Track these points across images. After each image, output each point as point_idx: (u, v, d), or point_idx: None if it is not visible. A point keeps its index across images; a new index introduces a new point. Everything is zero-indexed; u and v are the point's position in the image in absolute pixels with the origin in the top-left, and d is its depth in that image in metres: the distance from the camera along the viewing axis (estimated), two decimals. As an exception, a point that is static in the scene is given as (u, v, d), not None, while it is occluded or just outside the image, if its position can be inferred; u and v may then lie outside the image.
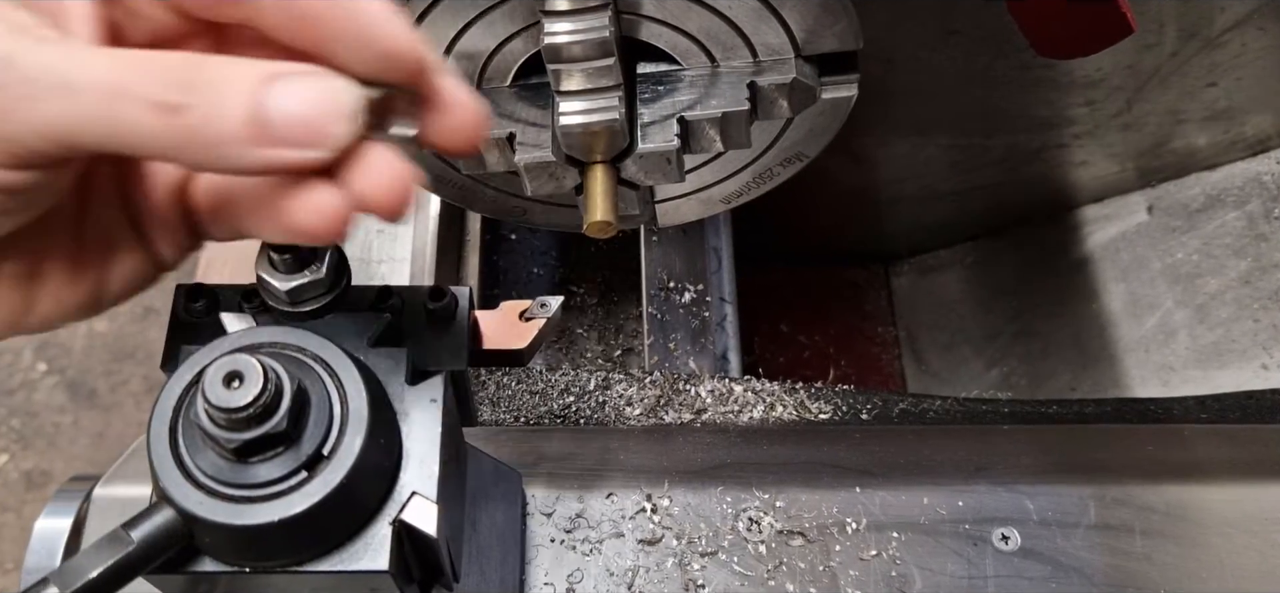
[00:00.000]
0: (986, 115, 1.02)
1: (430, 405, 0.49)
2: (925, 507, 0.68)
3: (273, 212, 0.42)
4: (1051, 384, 1.21)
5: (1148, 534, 0.67)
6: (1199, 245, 1.11)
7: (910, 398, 0.84)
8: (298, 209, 0.41)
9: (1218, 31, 0.88)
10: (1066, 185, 1.18)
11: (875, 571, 0.65)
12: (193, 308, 0.53)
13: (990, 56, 0.89)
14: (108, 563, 0.42)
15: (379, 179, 0.41)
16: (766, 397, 0.80)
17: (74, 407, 1.90)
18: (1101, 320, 1.17)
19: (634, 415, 0.79)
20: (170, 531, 0.44)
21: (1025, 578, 0.65)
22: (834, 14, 0.66)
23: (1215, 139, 1.06)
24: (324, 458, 0.44)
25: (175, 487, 0.44)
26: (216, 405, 0.42)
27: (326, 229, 0.42)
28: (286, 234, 0.43)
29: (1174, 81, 0.95)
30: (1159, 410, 0.85)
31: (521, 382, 0.81)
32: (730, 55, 0.68)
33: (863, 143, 1.07)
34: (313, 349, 0.47)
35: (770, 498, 0.68)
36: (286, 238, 0.44)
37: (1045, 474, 0.69)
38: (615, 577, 0.65)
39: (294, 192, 0.41)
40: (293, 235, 0.43)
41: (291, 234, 0.43)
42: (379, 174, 0.41)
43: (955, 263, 1.38)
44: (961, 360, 1.34)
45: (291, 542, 0.45)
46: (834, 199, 1.20)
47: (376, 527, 0.46)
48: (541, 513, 0.67)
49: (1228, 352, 1.06)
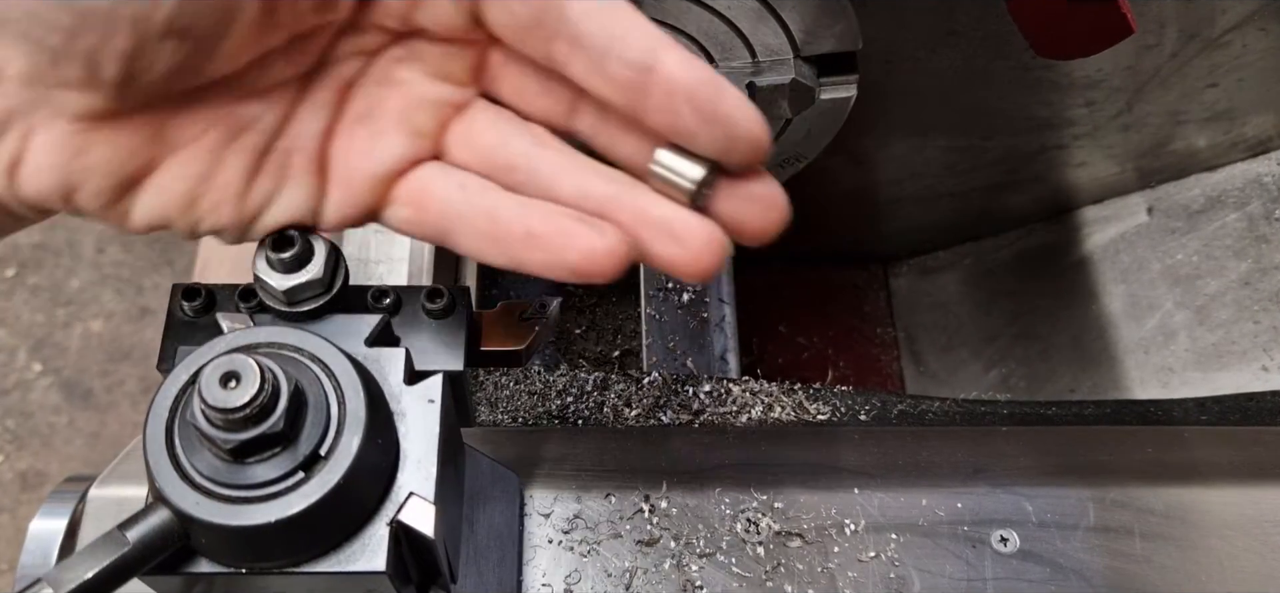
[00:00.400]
0: (986, 116, 1.02)
1: (428, 406, 0.49)
2: (924, 508, 0.67)
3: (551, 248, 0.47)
4: (1051, 386, 1.21)
5: (1147, 536, 0.67)
6: (1199, 247, 1.10)
7: (909, 399, 0.84)
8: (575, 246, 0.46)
9: (1218, 32, 0.88)
10: (1066, 186, 1.18)
11: (874, 572, 0.65)
12: (189, 307, 0.53)
13: (990, 57, 0.89)
14: (103, 564, 0.42)
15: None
16: (765, 398, 0.80)
17: (69, 407, 1.90)
18: (1101, 322, 1.17)
19: (632, 416, 0.79)
20: (166, 531, 0.43)
21: (1024, 580, 0.65)
22: (833, 15, 0.66)
23: (1216, 140, 1.06)
24: (321, 459, 0.44)
25: (171, 487, 0.43)
26: (213, 406, 0.42)
27: (598, 269, 0.46)
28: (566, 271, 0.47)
29: (1174, 82, 0.95)
30: (1159, 412, 0.85)
31: (519, 382, 0.81)
32: (729, 56, 0.68)
33: (862, 143, 1.07)
34: (310, 349, 0.47)
35: (768, 499, 0.68)
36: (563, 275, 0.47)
37: (1044, 476, 0.69)
38: (613, 578, 0.65)
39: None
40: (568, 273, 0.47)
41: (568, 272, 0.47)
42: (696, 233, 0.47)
43: (954, 264, 1.38)
44: (960, 362, 1.34)
45: (288, 543, 0.45)
46: (833, 200, 1.20)
47: (374, 528, 0.46)
48: (539, 514, 0.67)
49: (1228, 353, 1.06)
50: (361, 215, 0.51)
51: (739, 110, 0.45)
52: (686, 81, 0.45)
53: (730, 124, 0.45)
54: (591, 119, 0.50)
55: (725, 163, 0.47)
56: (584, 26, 0.45)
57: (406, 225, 0.51)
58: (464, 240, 0.49)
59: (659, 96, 0.45)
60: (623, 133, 0.49)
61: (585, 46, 0.45)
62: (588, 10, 0.45)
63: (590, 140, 0.51)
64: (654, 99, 0.45)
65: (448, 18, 0.48)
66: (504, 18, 0.47)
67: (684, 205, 0.48)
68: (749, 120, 0.46)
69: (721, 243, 0.47)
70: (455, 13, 0.48)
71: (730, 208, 0.48)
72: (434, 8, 0.48)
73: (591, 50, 0.45)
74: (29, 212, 0.48)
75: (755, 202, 0.48)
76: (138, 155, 0.46)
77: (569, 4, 0.45)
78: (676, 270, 0.48)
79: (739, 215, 0.48)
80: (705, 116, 0.45)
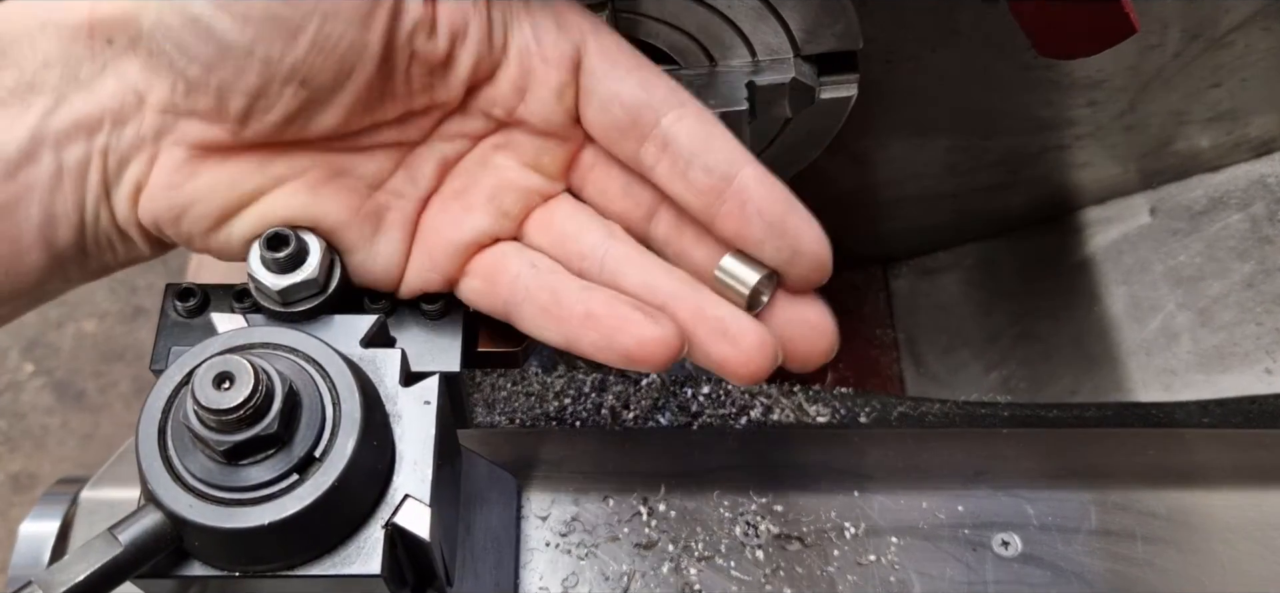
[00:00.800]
0: (987, 116, 1.01)
1: (424, 407, 0.48)
2: (924, 511, 0.67)
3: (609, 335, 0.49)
4: (1052, 388, 1.21)
5: (1150, 540, 0.66)
6: (1202, 248, 1.10)
7: (909, 401, 0.84)
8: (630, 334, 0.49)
9: (1222, 32, 0.88)
10: (1068, 187, 1.17)
11: (874, 576, 0.65)
12: (183, 307, 0.53)
13: (991, 57, 0.88)
14: (95, 566, 0.42)
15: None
16: (764, 399, 0.80)
17: (62, 408, 1.89)
18: (1103, 324, 1.16)
19: (630, 418, 0.78)
20: (159, 534, 0.43)
21: (1026, 584, 0.65)
22: (833, 14, 0.65)
23: (1219, 141, 1.06)
24: (316, 460, 0.44)
25: (164, 490, 0.43)
26: (206, 407, 0.42)
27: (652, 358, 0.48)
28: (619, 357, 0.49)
29: (1177, 82, 0.95)
30: (1161, 415, 0.85)
31: (517, 383, 0.81)
32: (729, 54, 0.68)
33: (862, 143, 1.06)
34: (305, 350, 0.46)
35: (768, 502, 0.67)
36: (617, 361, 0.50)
37: (1046, 479, 0.69)
38: (611, 581, 0.65)
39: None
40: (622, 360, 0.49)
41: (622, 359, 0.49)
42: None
43: (955, 265, 1.38)
44: (961, 363, 1.33)
45: (282, 546, 0.44)
46: (833, 200, 1.19)
47: (369, 530, 0.46)
48: (536, 516, 0.66)
49: (1231, 355, 1.05)
50: (440, 282, 0.53)
51: (806, 227, 0.49)
52: (760, 192, 0.48)
53: (796, 238, 0.49)
54: (667, 225, 0.53)
55: (786, 275, 0.50)
56: (675, 131, 0.49)
57: (475, 296, 0.54)
58: (526, 315, 0.52)
59: (733, 204, 0.49)
60: (695, 242, 0.53)
61: (673, 151, 0.49)
62: (681, 118, 0.49)
63: (664, 246, 0.54)
64: (728, 205, 0.49)
65: (548, 113, 0.51)
66: (601, 118, 0.51)
67: (740, 308, 0.50)
68: (814, 238, 0.49)
69: (773, 348, 0.49)
70: (557, 109, 0.51)
71: (782, 322, 0.51)
72: (537, 102, 0.51)
73: (679, 155, 0.49)
74: (142, 239, 0.51)
75: (808, 326, 0.51)
76: (242, 185, 0.49)
77: (665, 112, 0.49)
78: (727, 370, 0.50)
79: (790, 334, 0.51)
80: (773, 226, 0.48)
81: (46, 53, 0.47)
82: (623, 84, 0.50)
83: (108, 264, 0.52)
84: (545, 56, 0.51)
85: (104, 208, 0.49)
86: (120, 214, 0.50)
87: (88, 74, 0.47)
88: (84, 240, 0.50)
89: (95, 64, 0.47)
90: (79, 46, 0.47)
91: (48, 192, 0.47)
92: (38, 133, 0.46)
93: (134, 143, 0.48)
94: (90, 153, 0.48)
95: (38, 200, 0.47)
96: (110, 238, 0.51)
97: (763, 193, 0.49)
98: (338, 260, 0.52)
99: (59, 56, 0.47)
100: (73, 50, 0.47)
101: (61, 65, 0.47)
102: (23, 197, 0.47)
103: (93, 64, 0.47)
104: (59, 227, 0.48)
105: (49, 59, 0.47)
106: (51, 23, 0.47)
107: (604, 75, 0.51)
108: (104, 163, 0.48)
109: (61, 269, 0.50)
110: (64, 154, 0.47)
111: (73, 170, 0.48)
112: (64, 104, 0.47)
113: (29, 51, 0.46)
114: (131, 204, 0.49)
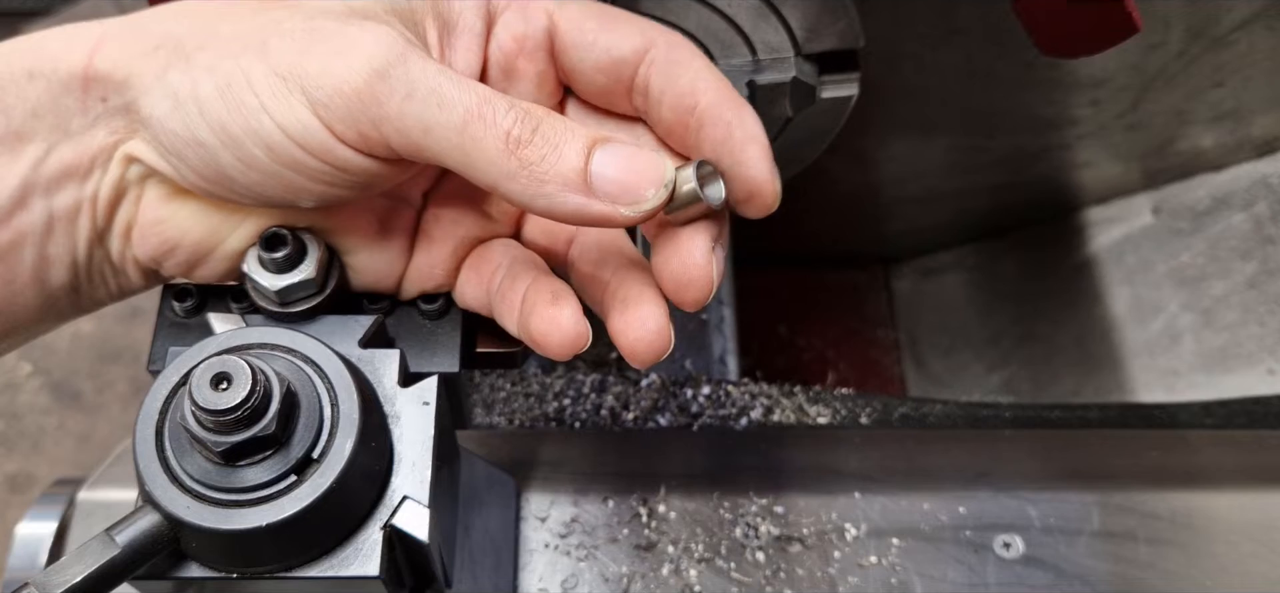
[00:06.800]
0: (989, 115, 1.01)
1: (422, 408, 0.48)
2: (926, 513, 0.67)
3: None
4: (1055, 389, 1.21)
5: (1152, 542, 0.66)
6: (1205, 248, 1.10)
7: (911, 402, 0.84)
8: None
9: (1225, 31, 0.88)
10: (1070, 187, 1.17)
11: (875, 578, 0.65)
12: (180, 308, 0.53)
13: (993, 56, 0.88)
14: (92, 568, 0.42)
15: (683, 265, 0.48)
16: (764, 400, 0.79)
17: (58, 409, 1.88)
18: (1105, 324, 1.16)
19: (630, 419, 0.78)
20: (156, 535, 0.43)
21: (1028, 586, 0.65)
22: (834, 12, 0.65)
23: (1221, 140, 1.06)
24: (314, 461, 0.44)
25: (161, 491, 0.43)
26: (204, 408, 0.41)
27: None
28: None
29: (1180, 82, 0.95)
30: (1164, 416, 0.84)
31: (516, 384, 0.81)
32: (730, 53, 0.68)
33: (863, 143, 1.06)
34: (303, 350, 0.46)
35: (768, 503, 0.67)
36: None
37: (1048, 480, 0.68)
38: (610, 583, 0.64)
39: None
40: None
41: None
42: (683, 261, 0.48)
43: (957, 265, 1.38)
44: (963, 364, 1.33)
45: (280, 547, 0.44)
46: (834, 200, 1.20)
47: (367, 532, 0.45)
48: (536, 518, 0.66)
49: (1234, 356, 1.05)
50: (440, 281, 0.54)
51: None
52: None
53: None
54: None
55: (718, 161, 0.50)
56: (648, 77, 0.51)
57: (468, 288, 0.54)
58: (501, 312, 0.53)
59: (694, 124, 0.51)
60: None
61: (653, 96, 0.51)
62: (651, 62, 0.50)
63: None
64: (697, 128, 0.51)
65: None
66: (589, 90, 0.52)
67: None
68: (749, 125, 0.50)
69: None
70: (539, 97, 0.53)
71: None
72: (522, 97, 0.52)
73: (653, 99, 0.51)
74: (138, 274, 0.51)
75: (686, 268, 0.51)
76: (234, 212, 0.50)
77: (638, 64, 0.50)
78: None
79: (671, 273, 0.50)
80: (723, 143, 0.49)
81: (36, 102, 0.46)
82: (592, 51, 0.51)
83: (101, 300, 0.52)
84: (525, 50, 0.52)
85: (98, 249, 0.50)
86: (115, 253, 0.50)
87: (78, 126, 0.47)
88: (78, 280, 0.50)
89: (86, 118, 0.47)
90: (71, 99, 0.46)
91: (40, 237, 0.47)
92: (29, 181, 0.46)
93: (120, 186, 0.48)
94: (81, 200, 0.48)
95: (31, 245, 0.47)
96: (104, 275, 0.51)
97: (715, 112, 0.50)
98: (336, 260, 0.52)
99: (49, 107, 0.46)
100: (63, 102, 0.46)
101: (52, 115, 0.46)
102: (16, 243, 0.47)
103: (84, 118, 0.46)
104: (52, 269, 0.48)
105: (38, 109, 0.46)
106: (41, 73, 0.46)
107: (579, 49, 0.51)
108: (93, 208, 0.48)
109: (56, 308, 0.50)
110: (54, 201, 0.47)
111: (63, 216, 0.48)
112: (54, 154, 0.47)
113: (15, 100, 0.46)
114: (124, 241, 0.50)
